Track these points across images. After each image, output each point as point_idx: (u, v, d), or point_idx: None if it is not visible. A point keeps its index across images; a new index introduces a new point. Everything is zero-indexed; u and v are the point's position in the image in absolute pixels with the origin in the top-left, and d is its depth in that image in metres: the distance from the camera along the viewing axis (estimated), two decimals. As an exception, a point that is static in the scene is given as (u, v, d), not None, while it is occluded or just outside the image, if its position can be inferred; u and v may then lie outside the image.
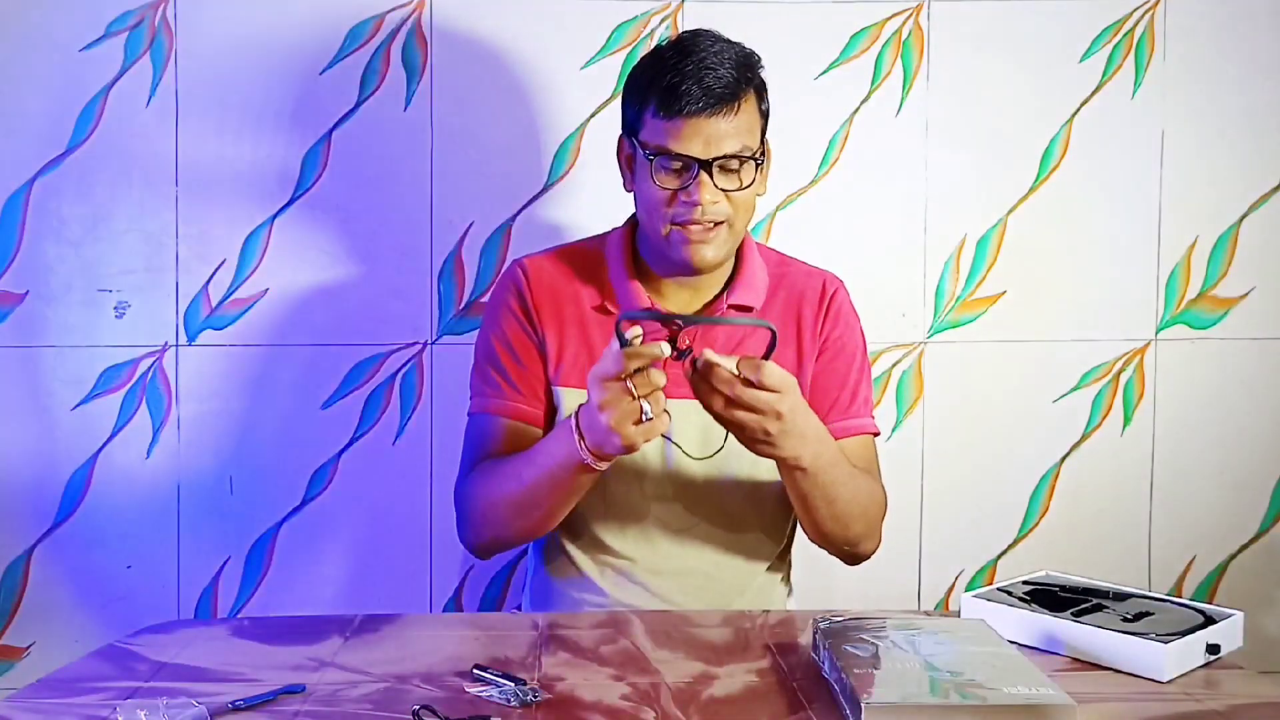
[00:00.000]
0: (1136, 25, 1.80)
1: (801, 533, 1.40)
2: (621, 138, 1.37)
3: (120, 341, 1.73)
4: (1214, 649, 1.08)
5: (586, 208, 1.75)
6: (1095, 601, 1.16)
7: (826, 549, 1.38)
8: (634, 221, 1.42)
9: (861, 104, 1.80)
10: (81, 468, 1.74)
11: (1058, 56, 1.80)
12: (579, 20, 1.76)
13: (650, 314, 1.30)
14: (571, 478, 1.23)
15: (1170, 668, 1.04)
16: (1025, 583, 1.23)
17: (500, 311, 1.41)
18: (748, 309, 1.39)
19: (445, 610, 1.79)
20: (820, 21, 1.78)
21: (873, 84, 1.79)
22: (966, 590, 1.36)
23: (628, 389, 1.11)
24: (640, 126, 1.31)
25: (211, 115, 1.73)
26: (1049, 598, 1.18)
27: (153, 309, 1.73)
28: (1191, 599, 1.44)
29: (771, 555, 1.43)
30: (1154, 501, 1.85)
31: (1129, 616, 1.12)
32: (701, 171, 1.27)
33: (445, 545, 1.77)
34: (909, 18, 1.79)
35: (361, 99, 1.74)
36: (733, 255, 1.38)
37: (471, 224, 1.77)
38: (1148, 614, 1.13)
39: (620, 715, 0.96)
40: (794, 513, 1.36)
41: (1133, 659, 1.05)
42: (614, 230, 1.44)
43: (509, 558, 1.79)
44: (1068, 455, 1.84)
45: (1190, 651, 1.06)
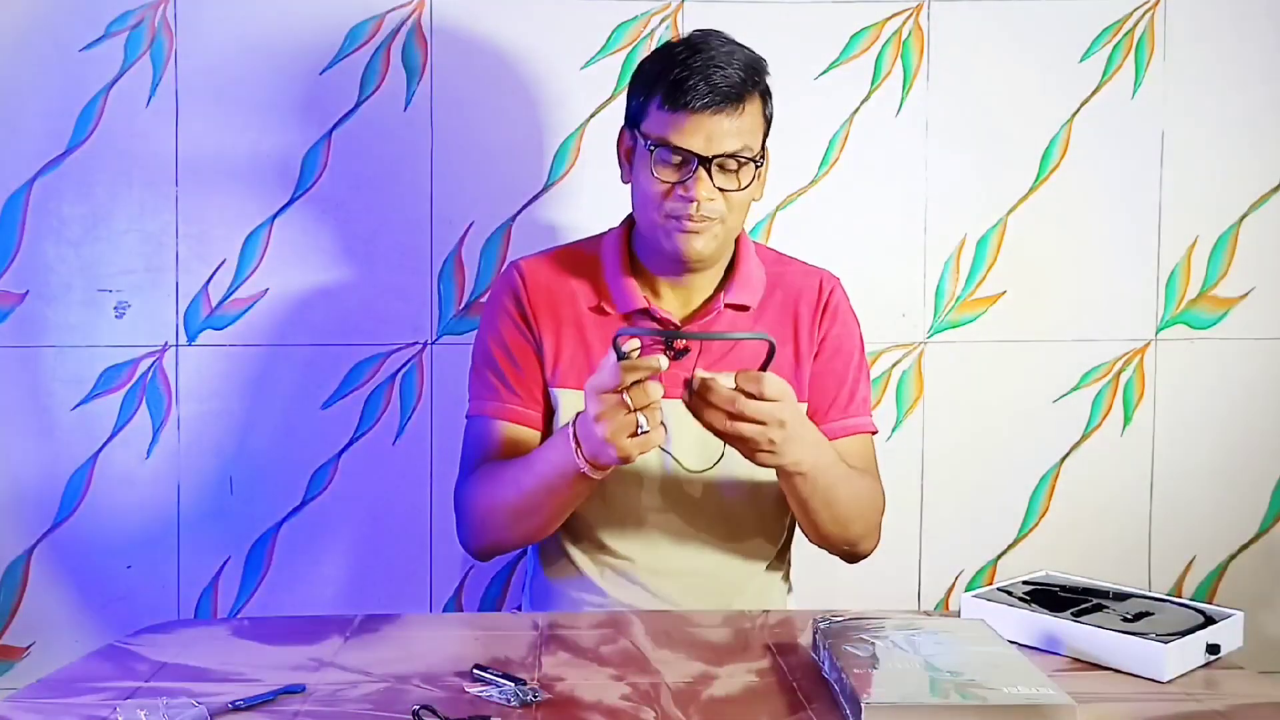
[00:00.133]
0: (1136, 25, 1.80)
1: (800, 532, 1.40)
2: (623, 129, 1.37)
3: (120, 341, 1.73)
4: (1214, 649, 1.08)
5: (586, 208, 1.75)
6: (1095, 601, 1.16)
7: (826, 549, 1.39)
8: (630, 221, 1.42)
9: (861, 104, 1.80)
10: (81, 468, 1.74)
11: (1058, 56, 1.80)
12: (579, 20, 1.76)
13: (648, 331, 1.31)
14: (569, 485, 1.23)
15: (1170, 668, 1.04)
16: (1025, 583, 1.23)
17: (497, 314, 1.41)
18: (744, 308, 1.39)
19: (445, 610, 1.79)
20: (820, 21, 1.78)
21: (873, 84, 1.79)
22: (966, 590, 1.36)
23: (624, 401, 1.11)
24: (644, 117, 1.31)
25: (211, 115, 1.73)
26: (1049, 598, 1.18)
27: (153, 309, 1.73)
28: (1191, 599, 1.44)
29: (770, 555, 1.44)
30: (1154, 501, 1.85)
31: (1129, 616, 1.12)
32: (700, 168, 1.27)
33: (445, 545, 1.77)
34: (909, 18, 1.79)
35: (361, 99, 1.74)
36: (724, 253, 1.38)
37: (471, 224, 1.77)
38: (1148, 614, 1.13)
39: (620, 715, 0.96)
40: (791, 511, 1.36)
41: (1133, 659, 1.05)
42: (610, 231, 1.44)
43: (509, 558, 1.79)
44: (1068, 455, 1.84)
45: (1190, 651, 1.06)
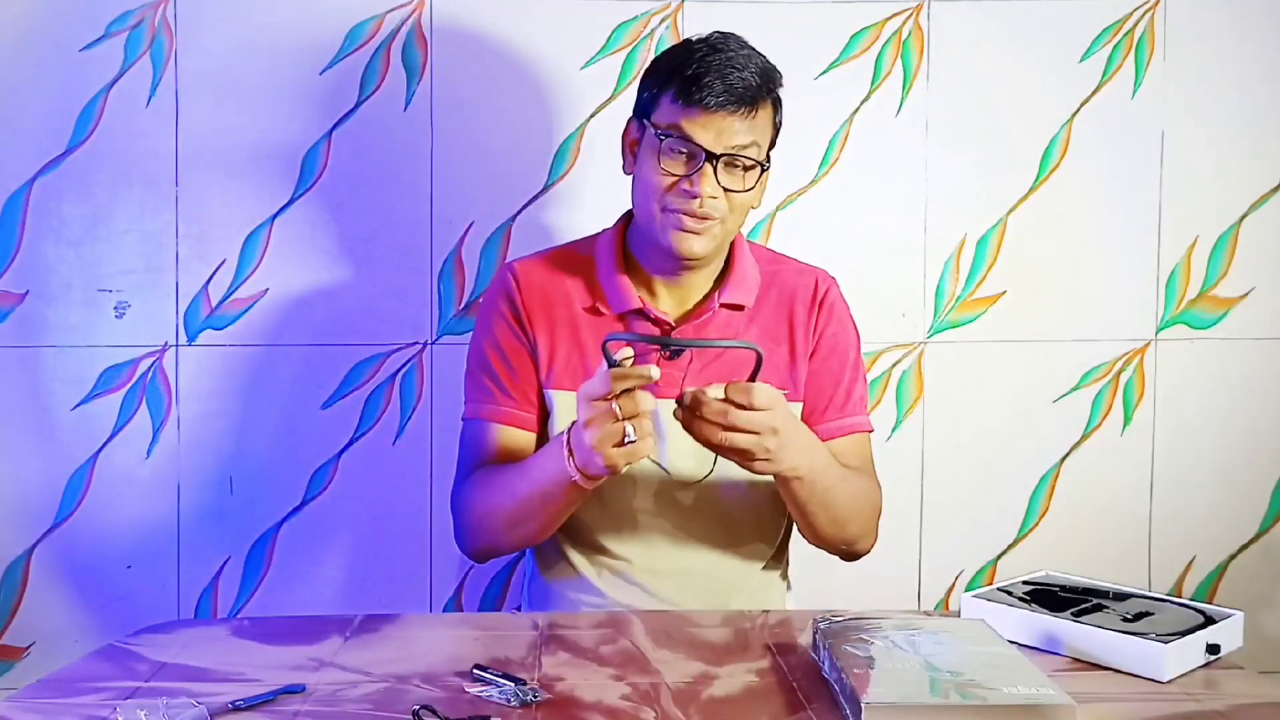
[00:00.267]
0: (1136, 25, 1.80)
1: (798, 533, 1.40)
2: (630, 120, 1.36)
3: (120, 341, 1.73)
4: (1214, 649, 1.08)
5: (586, 208, 1.75)
6: (1095, 601, 1.16)
7: (823, 549, 1.39)
8: (625, 220, 1.42)
9: (861, 104, 1.80)
10: (81, 468, 1.74)
11: (1058, 56, 1.80)
12: (579, 20, 1.76)
13: (638, 337, 1.31)
14: (562, 494, 1.23)
15: (1170, 668, 1.04)
16: (1025, 583, 1.23)
17: (491, 316, 1.41)
18: (739, 307, 1.39)
19: (445, 610, 1.79)
20: (820, 21, 1.78)
21: (873, 84, 1.79)
22: (966, 590, 1.36)
23: (613, 410, 1.10)
24: (655, 109, 1.31)
25: (211, 115, 1.73)
26: (1049, 598, 1.18)
27: (153, 309, 1.73)
28: (1191, 599, 1.44)
29: (767, 554, 1.44)
30: (1154, 501, 1.85)
31: (1129, 616, 1.12)
32: (707, 164, 1.27)
33: (445, 545, 1.76)
34: (909, 18, 1.79)
35: (361, 99, 1.74)
36: (720, 254, 1.38)
37: (471, 224, 1.77)
38: (1148, 614, 1.13)
39: (620, 715, 0.96)
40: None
41: (1133, 659, 1.05)
42: (604, 231, 1.44)
43: (509, 558, 1.79)
44: (1068, 455, 1.84)
45: (1190, 651, 1.06)
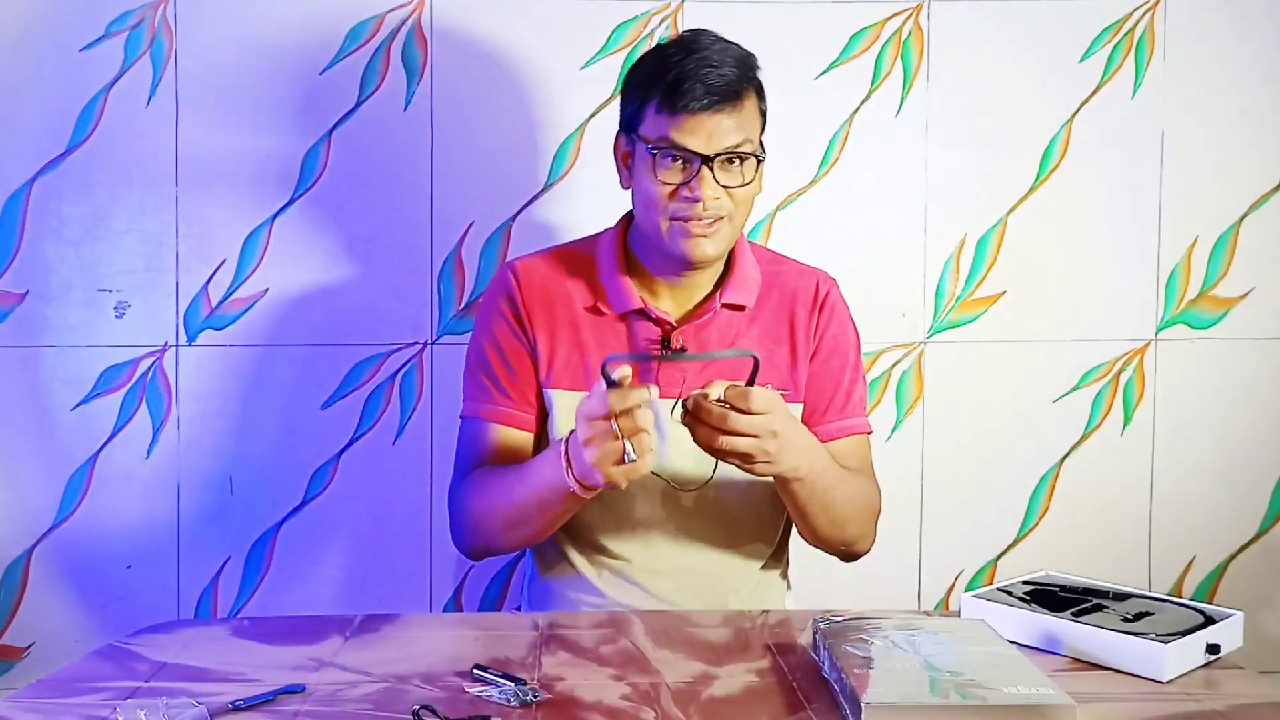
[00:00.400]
0: (1136, 25, 1.80)
1: (797, 533, 1.40)
2: (619, 135, 1.36)
3: (120, 341, 1.73)
4: (1214, 649, 1.08)
5: (586, 208, 1.75)
6: (1095, 601, 1.16)
7: (822, 549, 1.39)
8: (626, 220, 1.42)
9: (861, 104, 1.80)
10: (81, 468, 1.74)
11: (1058, 56, 1.80)
12: (579, 20, 1.76)
13: (637, 356, 1.31)
14: (559, 501, 1.23)
15: (1170, 668, 1.04)
16: (1025, 583, 1.23)
17: (491, 315, 1.41)
18: (740, 308, 1.39)
19: (445, 610, 1.79)
20: (820, 21, 1.78)
21: (873, 84, 1.79)
22: (966, 590, 1.36)
23: (612, 429, 1.10)
24: (641, 121, 1.30)
25: (211, 115, 1.73)
26: (1049, 598, 1.18)
27: (153, 309, 1.73)
28: (1191, 599, 1.44)
29: (766, 553, 1.44)
30: (1154, 501, 1.85)
31: (1129, 616, 1.12)
32: (704, 167, 1.27)
33: (445, 545, 1.76)
34: (909, 18, 1.79)
35: (361, 99, 1.74)
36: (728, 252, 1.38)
37: (471, 224, 1.77)
38: (1148, 614, 1.13)
39: (620, 715, 0.96)
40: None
41: (1133, 659, 1.05)
42: (606, 231, 1.43)
43: (508, 558, 1.79)
44: (1068, 455, 1.84)
45: (1190, 651, 1.06)
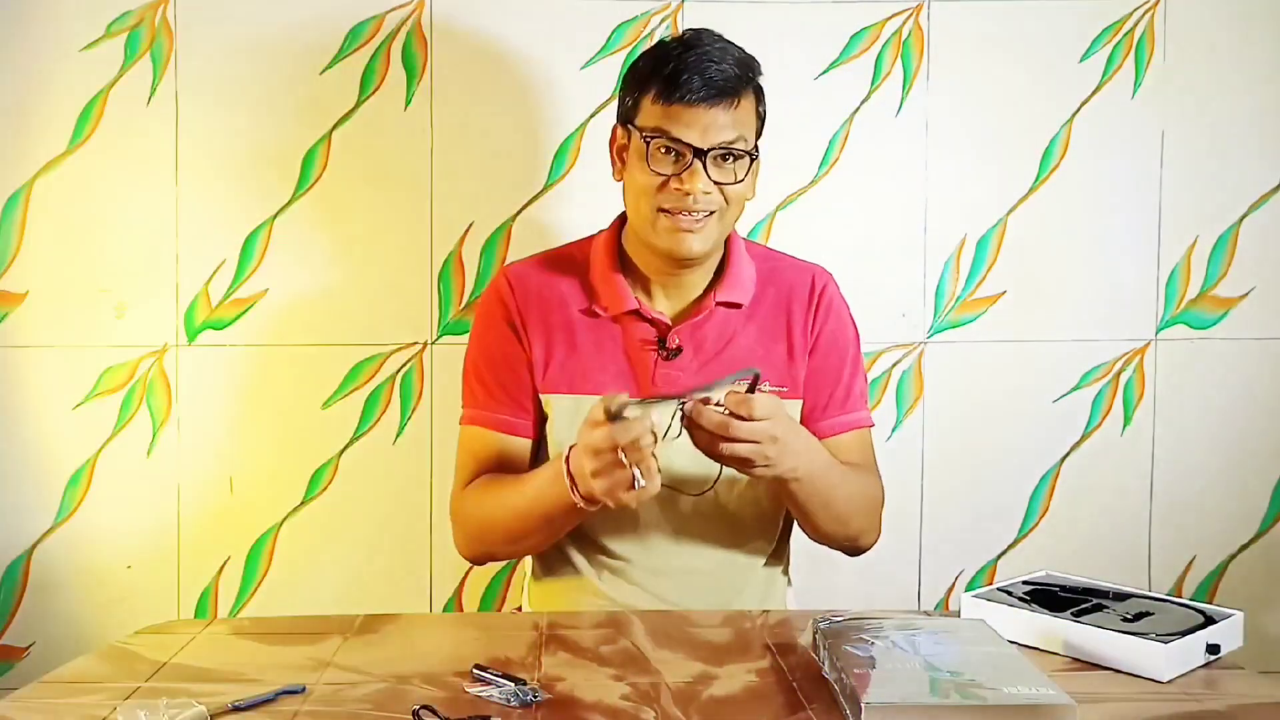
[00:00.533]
0: (1136, 25, 1.80)
1: (799, 529, 1.40)
2: (616, 126, 1.37)
3: (120, 341, 1.73)
4: (1214, 649, 1.08)
5: (586, 208, 1.75)
6: (1095, 601, 1.16)
7: (826, 545, 1.39)
8: (620, 221, 1.42)
9: (861, 104, 1.80)
10: (81, 468, 1.74)
11: (1058, 56, 1.80)
12: (579, 20, 1.76)
13: (637, 401, 1.30)
14: (562, 514, 1.25)
15: (1170, 668, 1.04)
16: (1025, 583, 1.23)
17: (486, 323, 1.41)
18: (735, 305, 1.39)
19: (445, 610, 1.79)
20: (820, 21, 1.78)
21: (873, 84, 1.79)
22: (966, 590, 1.36)
23: (619, 460, 1.11)
24: (638, 112, 1.31)
25: (211, 115, 1.72)
26: (1049, 598, 1.18)
27: (153, 309, 1.73)
28: (1191, 599, 1.44)
29: (767, 551, 1.43)
30: (1154, 501, 1.85)
31: (1129, 616, 1.12)
32: (696, 160, 1.27)
33: (445, 545, 1.75)
34: (909, 18, 1.79)
35: (361, 99, 1.74)
36: (717, 251, 1.38)
37: (471, 224, 1.77)
38: (1148, 614, 1.13)
39: (620, 715, 0.96)
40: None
41: (1133, 659, 1.05)
42: (599, 233, 1.43)
43: (509, 558, 1.79)
44: (1068, 455, 1.84)
45: (1190, 651, 1.06)
